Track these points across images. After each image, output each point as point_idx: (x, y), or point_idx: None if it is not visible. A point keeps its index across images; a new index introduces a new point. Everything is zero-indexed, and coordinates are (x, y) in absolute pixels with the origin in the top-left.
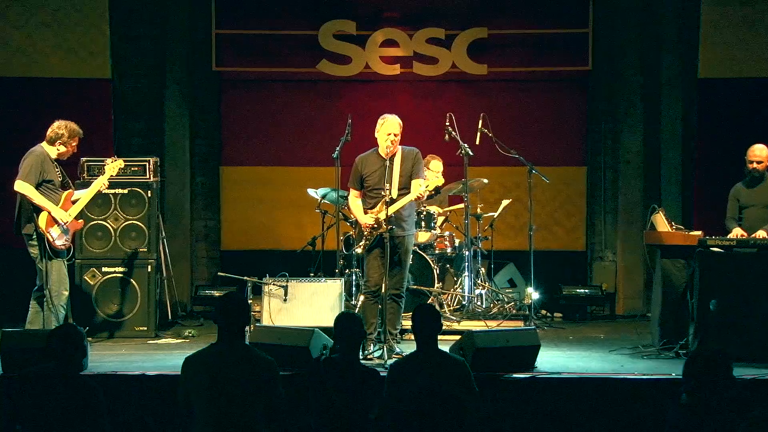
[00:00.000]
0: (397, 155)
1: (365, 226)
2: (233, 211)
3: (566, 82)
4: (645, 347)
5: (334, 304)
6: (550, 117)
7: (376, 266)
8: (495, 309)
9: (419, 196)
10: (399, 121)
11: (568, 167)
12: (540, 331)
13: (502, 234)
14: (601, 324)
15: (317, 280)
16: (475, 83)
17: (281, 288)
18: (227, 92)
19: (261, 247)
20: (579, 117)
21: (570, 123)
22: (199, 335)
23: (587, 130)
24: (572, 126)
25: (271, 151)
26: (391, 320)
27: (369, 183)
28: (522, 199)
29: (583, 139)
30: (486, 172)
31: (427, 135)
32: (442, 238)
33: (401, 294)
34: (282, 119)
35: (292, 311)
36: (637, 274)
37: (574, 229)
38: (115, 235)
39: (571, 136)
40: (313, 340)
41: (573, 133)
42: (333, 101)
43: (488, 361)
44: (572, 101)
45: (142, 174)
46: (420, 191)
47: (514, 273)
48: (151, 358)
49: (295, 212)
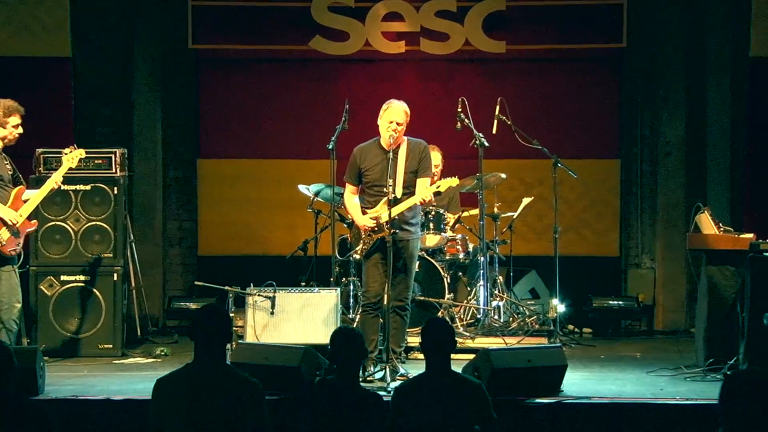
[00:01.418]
0: (401, 147)
1: (364, 228)
2: (212, 211)
3: (597, 61)
4: (688, 368)
5: (329, 317)
6: (578, 102)
7: (376, 274)
8: (515, 324)
9: (424, 201)
10: (405, 108)
11: (599, 160)
12: (567, 350)
13: (523, 237)
14: (637, 341)
15: (309, 290)
16: (492, 63)
17: (268, 299)
18: (205, 73)
19: (244, 252)
20: (611, 102)
21: (601, 109)
22: (173, 354)
23: (621, 118)
24: (604, 112)
25: (256, 142)
26: (394, 336)
27: (369, 178)
28: (546, 197)
29: (616, 127)
30: (504, 165)
31: (436, 123)
32: (454, 241)
33: (406, 306)
34: (269, 105)
35: (281, 326)
36: (678, 284)
37: (605, 232)
38: (76, 239)
39: (603, 124)
40: (304, 359)
41: (605, 121)
42: (328, 84)
43: (507, 383)
44: (604, 84)
45: (107, 168)
46: (427, 194)
47: (537, 282)
48: (118, 380)
49: (284, 212)
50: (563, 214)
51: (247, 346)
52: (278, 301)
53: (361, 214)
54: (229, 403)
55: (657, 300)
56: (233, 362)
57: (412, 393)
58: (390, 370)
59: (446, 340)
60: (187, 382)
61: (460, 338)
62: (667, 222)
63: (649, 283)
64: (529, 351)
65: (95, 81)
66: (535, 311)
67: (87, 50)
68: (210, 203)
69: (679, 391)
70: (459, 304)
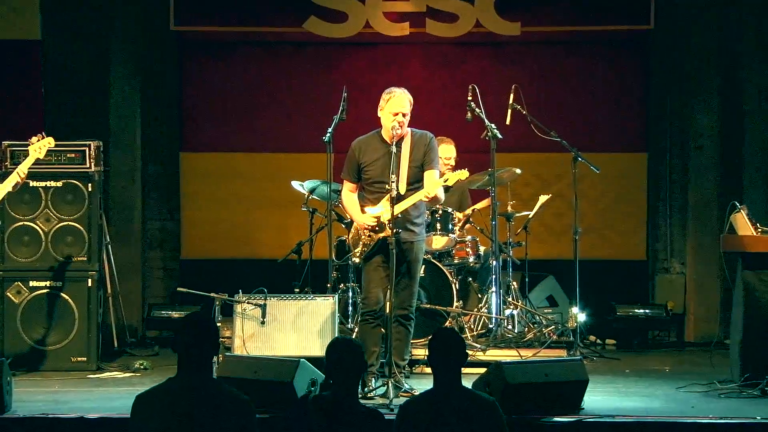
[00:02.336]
0: (405, 140)
1: (364, 227)
2: (197, 210)
3: (621, 45)
4: (722, 383)
5: (326, 327)
6: (600, 90)
7: (377, 279)
8: (530, 334)
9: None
10: (409, 97)
11: (623, 154)
12: (588, 363)
13: (540, 239)
14: (666, 353)
15: (304, 297)
16: (505, 47)
17: (258, 307)
18: (189, 59)
19: (232, 255)
20: (637, 90)
21: (626, 97)
22: (154, 368)
23: (648, 107)
24: (629, 101)
25: (245, 134)
26: (397, 348)
27: (369, 174)
28: (565, 195)
29: (642, 117)
30: (519, 159)
31: (443, 113)
32: (463, 243)
33: (410, 315)
34: (259, 93)
35: (272, 337)
36: (711, 291)
37: (631, 233)
38: (46, 240)
39: (628, 113)
40: (298, 373)
41: (630, 111)
42: (324, 70)
43: (522, 400)
44: (629, 69)
45: (80, 162)
46: (434, 188)
47: (555, 288)
48: (92, 397)
49: (276, 211)
50: (584, 213)
51: (235, 359)
52: (269, 310)
53: (361, 212)
54: (216, 421)
55: (688, 308)
56: (220, 376)
57: (418, 411)
58: (393, 386)
59: (456, 352)
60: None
61: (470, 350)
62: (699, 222)
63: (679, 289)
64: (546, 364)
65: (67, 66)
66: (552, 321)
67: (58, 32)
68: (194, 201)
69: (712, 409)
70: (469, 313)
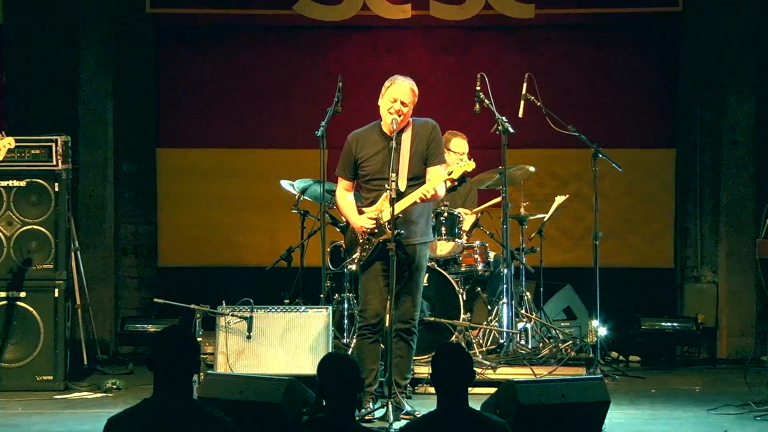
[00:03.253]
0: (406, 132)
1: (361, 230)
2: (175, 212)
3: (646, 29)
4: (758, 405)
5: (319, 343)
6: (623, 79)
7: (376, 289)
8: (546, 350)
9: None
10: (412, 85)
11: (649, 150)
12: (609, 382)
13: (556, 244)
14: (696, 371)
15: (294, 309)
16: (518, 31)
17: (243, 320)
18: (168, 44)
19: (215, 262)
20: (665, 79)
21: (652, 87)
22: (127, 388)
23: (676, 98)
24: (655, 91)
25: (229, 128)
26: (398, 366)
27: (367, 170)
28: (584, 195)
29: (670, 110)
30: (533, 156)
31: (449, 105)
32: (471, 249)
33: (412, 329)
34: (245, 83)
35: (259, 353)
36: (746, 301)
37: (657, 237)
38: (8, 246)
39: (654, 105)
40: (288, 394)
41: (656, 102)
42: (317, 57)
43: (536, 423)
44: (655, 56)
45: (45, 159)
46: (437, 182)
47: (573, 299)
48: (60, 420)
49: (264, 213)
50: (605, 215)
51: (218, 378)
52: (256, 323)
53: (358, 213)
54: None
55: (720, 321)
56: (201, 397)
57: None
58: (393, 408)
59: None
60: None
61: (478, 368)
62: (733, 226)
63: (711, 300)
64: (563, 384)
65: (31, 53)
66: (570, 335)
67: (21, 15)
68: (173, 203)
69: None
70: (477, 327)
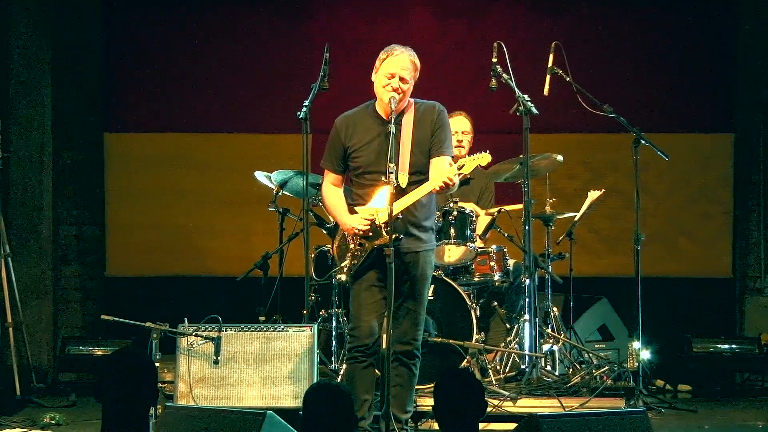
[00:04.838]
0: (407, 115)
1: (352, 232)
2: (127, 210)
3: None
4: None
5: (301, 368)
6: (669, 51)
7: (371, 303)
8: (577, 378)
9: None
10: (413, 57)
11: (701, 135)
12: (654, 417)
13: (589, 249)
14: (758, 403)
15: (271, 327)
16: None
17: (210, 341)
18: (118, 9)
19: (174, 271)
20: (721, 51)
21: (705, 61)
22: (69, 423)
23: (736, 74)
24: (709, 66)
25: (191, 109)
26: (397, 396)
27: (359, 162)
28: (623, 190)
29: (728, 88)
30: (561, 143)
31: (459, 81)
32: (486, 255)
33: (414, 352)
34: (212, 55)
35: (229, 381)
36: None
37: (712, 241)
38: None
39: (708, 82)
40: (264, 430)
41: (710, 79)
42: (299, 22)
43: None
44: (709, 25)
45: None
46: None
47: (610, 316)
48: None
49: (235, 211)
50: (649, 214)
51: (178, 411)
52: (225, 345)
53: (349, 213)
54: None
55: None
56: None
57: None
58: None
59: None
60: None
61: (494, 399)
62: None
63: None
64: (597, 418)
65: None
66: (606, 359)
67: None
68: (123, 198)
69: None
70: (493, 349)
